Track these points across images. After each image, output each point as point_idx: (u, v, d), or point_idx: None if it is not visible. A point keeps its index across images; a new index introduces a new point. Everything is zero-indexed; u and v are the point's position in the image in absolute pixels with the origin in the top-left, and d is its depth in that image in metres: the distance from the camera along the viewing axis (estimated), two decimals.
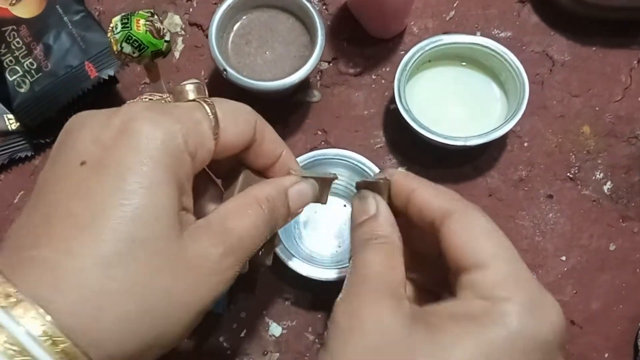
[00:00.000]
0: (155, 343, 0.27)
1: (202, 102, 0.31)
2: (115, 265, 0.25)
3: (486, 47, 0.52)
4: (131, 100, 0.32)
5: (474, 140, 0.49)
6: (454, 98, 0.54)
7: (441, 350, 0.28)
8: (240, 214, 0.31)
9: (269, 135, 0.36)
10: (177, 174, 0.28)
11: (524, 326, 0.28)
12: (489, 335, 0.28)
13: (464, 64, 0.54)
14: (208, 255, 0.29)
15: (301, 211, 0.37)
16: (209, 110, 0.31)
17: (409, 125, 0.49)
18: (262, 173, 0.37)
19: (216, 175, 0.38)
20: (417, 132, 0.49)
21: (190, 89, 0.33)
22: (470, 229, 0.32)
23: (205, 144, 0.30)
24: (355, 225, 0.36)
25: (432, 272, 0.37)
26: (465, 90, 0.54)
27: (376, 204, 0.36)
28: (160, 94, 0.33)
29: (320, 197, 0.40)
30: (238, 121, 0.33)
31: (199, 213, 0.32)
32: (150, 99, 0.33)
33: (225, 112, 0.32)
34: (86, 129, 0.28)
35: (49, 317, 0.23)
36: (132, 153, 0.27)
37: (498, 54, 0.51)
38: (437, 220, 0.33)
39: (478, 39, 0.52)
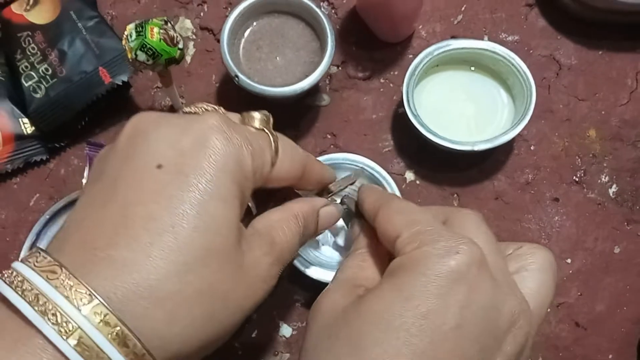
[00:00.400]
0: (209, 345, 0.28)
1: (268, 133, 0.33)
2: (190, 272, 0.26)
3: (493, 52, 0.52)
4: (201, 106, 0.34)
5: (481, 145, 0.50)
6: (462, 102, 0.54)
7: (365, 313, 0.28)
8: (282, 227, 0.33)
9: (315, 173, 0.38)
10: (243, 190, 0.30)
11: (431, 262, 0.28)
12: (400, 280, 0.28)
13: (472, 68, 0.55)
14: (261, 263, 0.31)
15: (324, 230, 0.39)
16: (272, 141, 0.33)
17: (417, 130, 0.50)
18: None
19: None
20: (425, 137, 0.50)
21: (257, 117, 0.35)
22: (387, 214, 0.33)
23: (264, 170, 0.32)
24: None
25: None
26: (473, 94, 0.54)
27: (359, 229, 0.39)
28: (213, 105, 0.35)
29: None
30: (294, 159, 0.35)
31: None
32: (205, 109, 0.34)
33: (285, 148, 0.34)
34: (162, 132, 0.29)
35: (120, 320, 0.24)
36: (210, 165, 0.28)
37: (505, 58, 0.52)
38: (372, 215, 0.35)
39: (485, 44, 0.52)
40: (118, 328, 0.24)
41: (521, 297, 0.30)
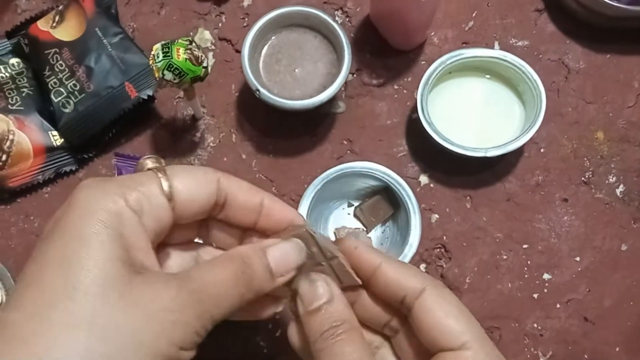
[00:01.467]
0: None
1: (154, 170, 0.33)
2: (54, 309, 0.27)
3: (504, 59, 0.54)
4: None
5: (493, 151, 0.52)
6: (475, 109, 0.56)
7: None
8: (209, 268, 0.32)
9: (239, 190, 0.36)
10: (118, 228, 0.29)
11: None
12: None
13: (486, 76, 0.57)
14: (158, 294, 0.29)
15: (292, 274, 0.35)
16: (159, 175, 0.32)
17: (431, 137, 0.52)
18: (260, 233, 0.37)
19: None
20: (440, 144, 0.52)
21: (147, 162, 0.35)
22: (446, 308, 0.33)
23: (154, 202, 0.31)
24: (309, 311, 0.35)
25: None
26: (485, 101, 0.56)
27: (329, 288, 0.35)
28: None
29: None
30: (193, 181, 0.33)
31: None
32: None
33: (180, 176, 0.33)
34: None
35: None
36: (70, 215, 0.29)
37: (515, 66, 0.54)
38: (408, 297, 0.34)
39: (497, 53, 0.54)
40: None
41: None
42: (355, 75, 0.59)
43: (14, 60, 0.58)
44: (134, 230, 0.30)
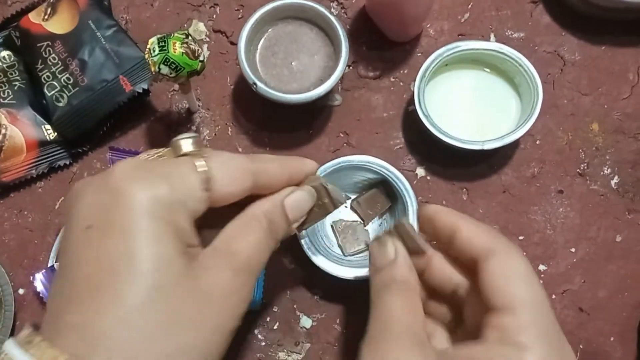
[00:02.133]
0: None
1: (192, 156, 0.33)
2: (138, 317, 0.27)
3: (501, 52, 0.54)
4: (153, 152, 0.35)
5: (490, 144, 0.52)
6: (471, 101, 0.56)
7: None
8: (242, 234, 0.33)
9: (272, 175, 0.37)
10: (172, 221, 0.30)
11: None
12: None
13: (484, 69, 0.57)
14: (220, 280, 0.31)
15: (303, 218, 0.39)
16: (197, 164, 0.33)
17: (429, 130, 0.52)
18: None
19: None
20: (437, 137, 0.52)
21: (184, 143, 0.35)
22: (507, 271, 0.33)
23: (193, 194, 0.32)
24: (375, 269, 0.39)
25: (450, 309, 0.39)
26: (482, 93, 0.56)
27: (395, 249, 0.38)
28: (157, 150, 0.36)
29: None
30: (231, 172, 0.34)
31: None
32: (147, 157, 0.35)
33: (218, 164, 0.33)
34: (87, 193, 0.31)
35: None
36: (128, 212, 0.29)
37: (513, 59, 0.54)
38: (480, 258, 0.35)
39: (493, 45, 0.54)
40: None
41: None
42: (351, 68, 0.59)
43: (5, 53, 0.57)
44: (185, 221, 0.31)
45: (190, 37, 0.47)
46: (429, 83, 0.55)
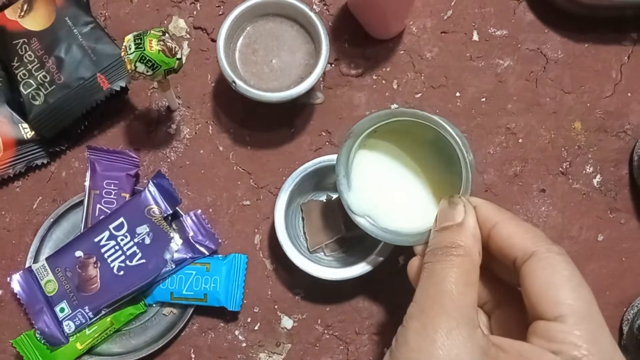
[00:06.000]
0: None
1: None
2: None
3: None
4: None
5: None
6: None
7: None
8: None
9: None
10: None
11: None
12: None
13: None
14: None
15: None
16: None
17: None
18: None
19: None
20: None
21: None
22: (551, 275, 0.32)
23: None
24: (438, 229, 0.37)
25: (501, 297, 0.38)
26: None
27: (465, 213, 0.36)
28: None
29: None
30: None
31: None
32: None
33: None
34: None
35: None
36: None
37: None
38: (518, 259, 0.34)
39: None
40: None
41: None
42: (333, 65, 0.58)
43: None
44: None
45: (167, 35, 0.46)
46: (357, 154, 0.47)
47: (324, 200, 0.54)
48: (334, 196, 0.55)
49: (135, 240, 0.51)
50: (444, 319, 0.31)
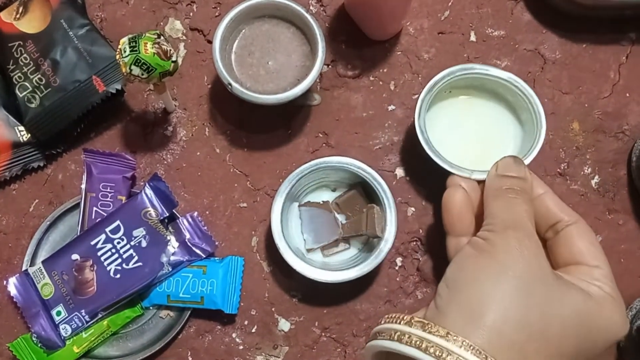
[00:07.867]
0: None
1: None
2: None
3: (508, 81, 0.51)
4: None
5: (479, 175, 0.49)
6: (471, 129, 0.54)
7: (559, 295, 0.37)
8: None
9: None
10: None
11: (611, 313, 0.38)
12: (590, 304, 0.38)
13: (486, 95, 0.54)
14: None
15: None
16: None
17: (428, 155, 0.50)
18: None
19: None
20: (439, 165, 0.50)
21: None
22: (592, 238, 0.43)
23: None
24: (499, 174, 0.44)
25: None
26: (483, 121, 0.54)
27: (528, 174, 0.44)
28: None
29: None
30: None
31: None
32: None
33: None
34: None
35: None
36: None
37: (523, 93, 0.51)
38: (560, 224, 0.43)
39: (501, 73, 0.51)
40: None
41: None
42: (330, 67, 0.58)
43: None
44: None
45: (162, 37, 0.46)
46: (430, 108, 0.53)
47: (321, 202, 0.54)
48: (331, 198, 0.54)
49: (132, 243, 0.51)
50: (521, 233, 0.39)
